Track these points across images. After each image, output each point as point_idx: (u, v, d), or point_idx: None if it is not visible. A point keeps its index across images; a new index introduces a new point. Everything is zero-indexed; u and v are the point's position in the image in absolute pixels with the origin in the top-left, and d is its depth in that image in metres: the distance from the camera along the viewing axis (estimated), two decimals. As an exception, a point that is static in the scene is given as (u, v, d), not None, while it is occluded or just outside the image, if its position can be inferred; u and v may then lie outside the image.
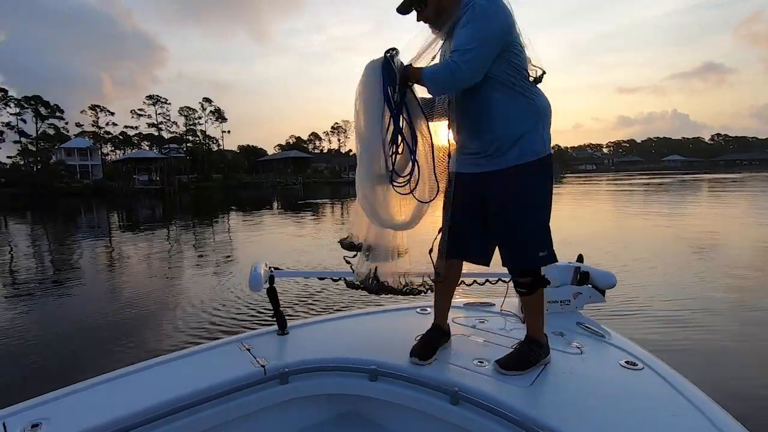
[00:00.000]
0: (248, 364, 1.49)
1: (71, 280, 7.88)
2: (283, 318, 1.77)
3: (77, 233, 16.02)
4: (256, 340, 1.69)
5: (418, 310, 2.04)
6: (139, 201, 36.84)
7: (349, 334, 1.79)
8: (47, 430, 1.13)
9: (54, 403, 1.25)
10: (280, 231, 14.06)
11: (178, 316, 5.14)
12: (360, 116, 1.49)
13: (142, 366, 1.48)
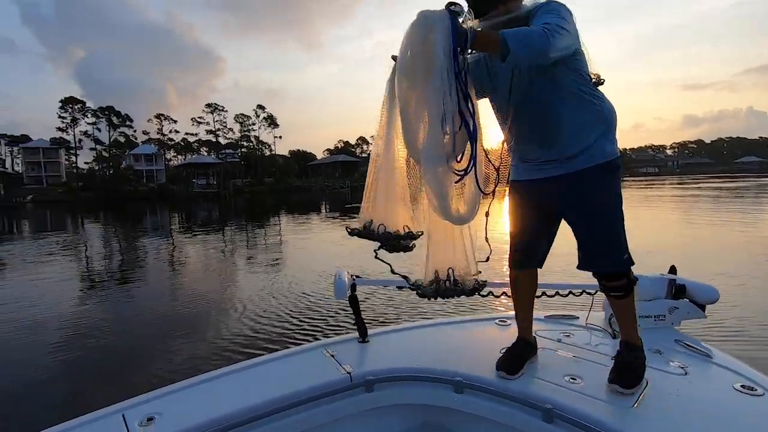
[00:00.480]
0: (334, 371, 1.51)
1: (135, 279, 8.41)
2: (364, 326, 1.77)
3: (143, 234, 17.18)
4: (339, 347, 1.70)
5: (497, 321, 1.96)
6: (197, 204, 39.00)
7: (430, 344, 1.75)
8: (159, 423, 1.21)
9: (165, 399, 1.34)
10: (328, 234, 14.26)
11: (227, 315, 5.31)
12: (409, 83, 1.25)
13: (237, 368, 1.55)
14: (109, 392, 3.58)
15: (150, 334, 4.92)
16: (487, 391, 1.42)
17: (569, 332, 1.82)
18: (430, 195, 1.29)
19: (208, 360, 3.99)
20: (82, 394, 3.63)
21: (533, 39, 1.18)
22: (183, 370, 3.82)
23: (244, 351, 4.13)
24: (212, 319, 5.25)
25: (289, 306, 5.53)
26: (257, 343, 4.34)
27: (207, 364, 3.87)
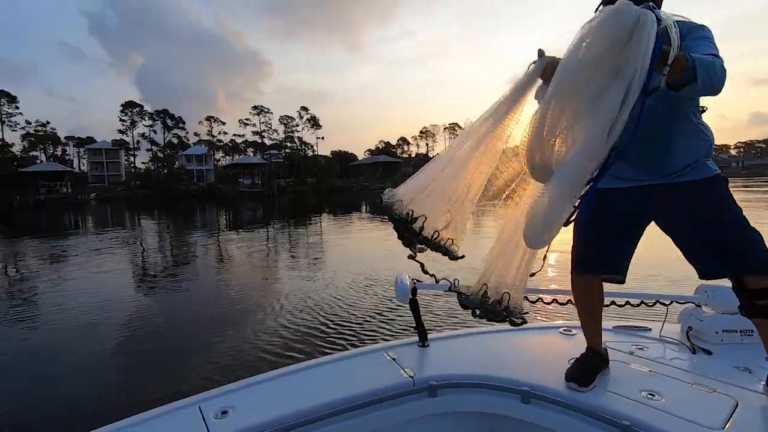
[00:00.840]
0: (397, 374, 1.49)
1: (186, 273, 8.80)
2: (424, 330, 1.75)
3: (194, 230, 18.01)
4: (399, 350, 1.69)
5: (561, 330, 1.87)
6: (243, 203, 40.47)
7: (493, 351, 1.71)
8: (233, 417, 1.24)
9: (237, 393, 1.38)
10: (368, 234, 14.31)
11: (267, 313, 5.42)
12: (577, 88, 1.06)
13: (303, 366, 1.57)
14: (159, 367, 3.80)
15: (202, 324, 5.14)
16: (556, 402, 1.35)
17: (642, 345, 1.70)
18: (537, 217, 1.12)
19: (262, 350, 4.12)
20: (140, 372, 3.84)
21: (717, 73, 1.09)
22: (243, 359, 3.95)
23: (289, 343, 4.21)
24: (260, 314, 5.37)
25: (328, 303, 5.59)
26: (309, 338, 4.39)
27: (259, 353, 4.03)
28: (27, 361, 4.33)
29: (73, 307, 6.00)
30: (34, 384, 3.78)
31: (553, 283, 6.86)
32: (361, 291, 6.21)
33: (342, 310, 5.34)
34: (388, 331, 4.57)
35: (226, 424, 1.21)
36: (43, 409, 3.35)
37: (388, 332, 4.54)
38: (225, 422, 1.22)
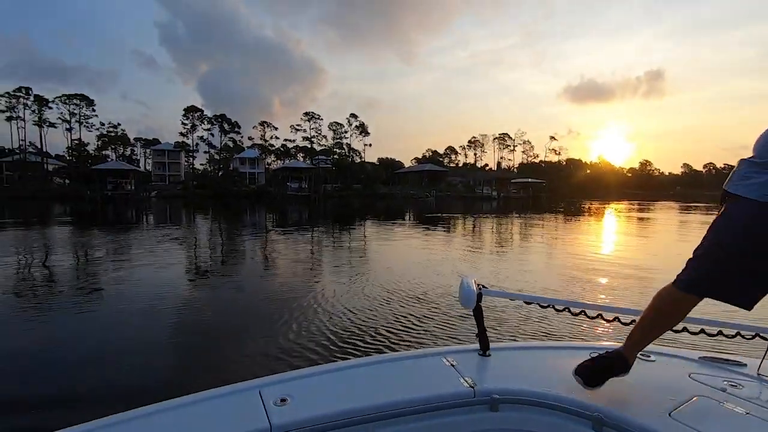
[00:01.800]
0: (456, 382, 1.42)
1: (234, 270, 9.11)
2: (486, 338, 1.67)
3: (244, 230, 18.71)
4: (459, 356, 1.62)
5: (638, 354, 1.69)
6: (290, 205, 41.66)
7: (561, 368, 1.55)
8: (291, 406, 1.25)
9: (297, 382, 1.39)
10: (412, 243, 14.18)
11: (307, 312, 5.49)
12: None
13: (362, 362, 1.56)
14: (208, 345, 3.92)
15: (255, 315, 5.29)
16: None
17: (736, 381, 1.50)
18: None
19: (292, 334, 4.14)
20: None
21: None
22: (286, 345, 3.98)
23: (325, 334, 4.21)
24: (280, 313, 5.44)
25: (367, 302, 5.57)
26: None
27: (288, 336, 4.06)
28: (97, 334, 4.71)
29: (136, 292, 6.46)
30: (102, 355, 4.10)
31: (613, 299, 6.47)
32: (405, 294, 6.14)
33: (389, 310, 5.32)
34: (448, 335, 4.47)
35: (285, 412, 1.21)
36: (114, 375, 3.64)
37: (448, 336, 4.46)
38: (284, 410, 1.22)
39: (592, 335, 4.56)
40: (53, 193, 49.39)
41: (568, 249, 12.30)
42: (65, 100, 60.50)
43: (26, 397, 3.40)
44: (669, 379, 1.48)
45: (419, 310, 5.56)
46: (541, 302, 1.72)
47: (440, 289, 6.63)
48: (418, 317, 5.23)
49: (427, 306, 5.72)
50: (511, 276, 8.20)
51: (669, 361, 1.61)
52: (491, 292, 1.66)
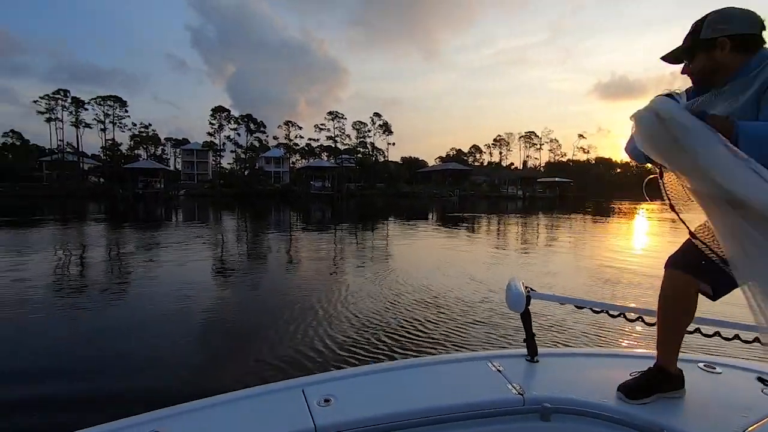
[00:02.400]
0: (504, 388, 1.38)
1: (258, 268, 9.16)
2: (534, 344, 1.62)
3: (269, 227, 18.91)
4: (506, 361, 1.57)
5: (701, 365, 1.59)
6: (313, 204, 42.01)
7: (617, 377, 1.46)
8: (335, 406, 1.24)
9: (340, 382, 1.37)
10: (433, 240, 13.95)
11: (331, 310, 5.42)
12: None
13: (407, 364, 1.54)
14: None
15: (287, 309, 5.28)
16: None
17: None
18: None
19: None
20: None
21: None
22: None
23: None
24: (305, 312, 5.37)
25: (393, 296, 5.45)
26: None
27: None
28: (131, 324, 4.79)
29: (170, 283, 6.59)
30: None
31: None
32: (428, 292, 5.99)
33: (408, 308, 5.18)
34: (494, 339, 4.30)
35: (329, 412, 1.20)
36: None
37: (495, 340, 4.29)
38: (327, 411, 1.21)
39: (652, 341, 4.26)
40: (88, 191, 51.38)
41: (594, 251, 11.84)
42: (100, 102, 62.83)
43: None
44: (739, 394, 1.37)
45: (429, 313, 5.39)
46: (593, 307, 1.62)
47: (451, 293, 6.45)
48: (434, 322, 5.07)
49: (441, 309, 5.55)
50: (535, 279, 7.91)
51: (737, 373, 1.51)
52: (540, 295, 1.59)
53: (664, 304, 1.37)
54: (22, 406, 3.19)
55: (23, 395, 3.35)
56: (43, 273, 8.08)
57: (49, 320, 5.23)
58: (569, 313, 4.74)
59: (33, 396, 3.34)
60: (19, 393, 3.39)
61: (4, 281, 7.24)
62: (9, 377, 3.70)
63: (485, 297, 6.19)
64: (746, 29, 1.18)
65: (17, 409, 3.14)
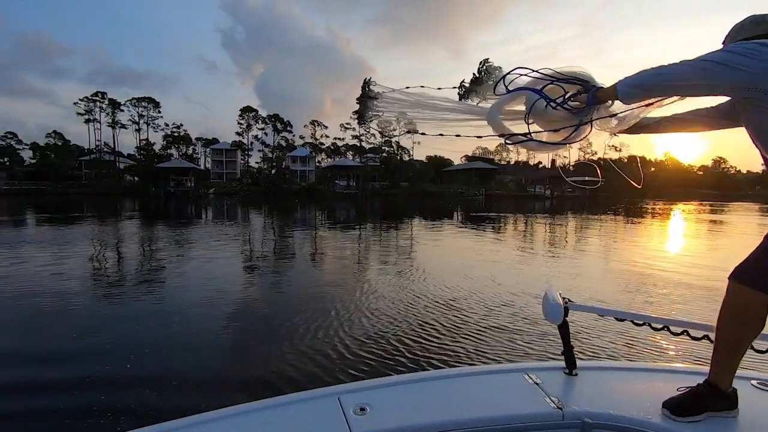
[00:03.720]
0: (542, 402, 1.34)
1: (284, 267, 9.27)
2: (573, 356, 1.56)
3: (295, 225, 19.17)
4: (543, 374, 1.52)
5: (754, 382, 1.49)
6: (337, 202, 42.28)
7: (662, 393, 1.39)
8: (371, 415, 1.23)
9: (376, 391, 1.37)
10: (458, 241, 13.77)
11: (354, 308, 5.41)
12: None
13: (440, 374, 1.54)
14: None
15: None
16: None
17: None
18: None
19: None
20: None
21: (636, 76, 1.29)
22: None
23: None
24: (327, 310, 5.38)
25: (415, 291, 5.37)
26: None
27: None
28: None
29: (203, 278, 6.81)
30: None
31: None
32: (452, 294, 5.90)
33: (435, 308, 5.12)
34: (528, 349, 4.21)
35: (365, 421, 1.21)
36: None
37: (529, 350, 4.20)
38: (364, 419, 1.21)
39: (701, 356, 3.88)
40: (124, 189, 53.48)
41: (625, 254, 11.41)
42: (135, 103, 65.24)
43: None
44: None
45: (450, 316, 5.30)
46: (635, 319, 1.56)
47: (473, 296, 6.32)
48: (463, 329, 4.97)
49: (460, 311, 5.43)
50: (563, 284, 7.69)
51: None
52: (578, 306, 1.54)
53: (726, 321, 1.28)
54: (68, 381, 3.51)
55: (73, 373, 3.67)
56: (87, 266, 8.45)
57: (89, 307, 5.66)
58: (597, 321, 4.56)
59: (80, 373, 3.67)
60: (72, 371, 3.74)
61: (49, 272, 7.66)
62: (71, 354, 4.17)
63: (509, 301, 6.06)
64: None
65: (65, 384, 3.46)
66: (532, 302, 5.84)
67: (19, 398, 3.30)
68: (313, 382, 3.51)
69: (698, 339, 1.46)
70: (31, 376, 3.66)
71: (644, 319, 1.54)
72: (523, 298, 6.18)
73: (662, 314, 1.68)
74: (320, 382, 3.51)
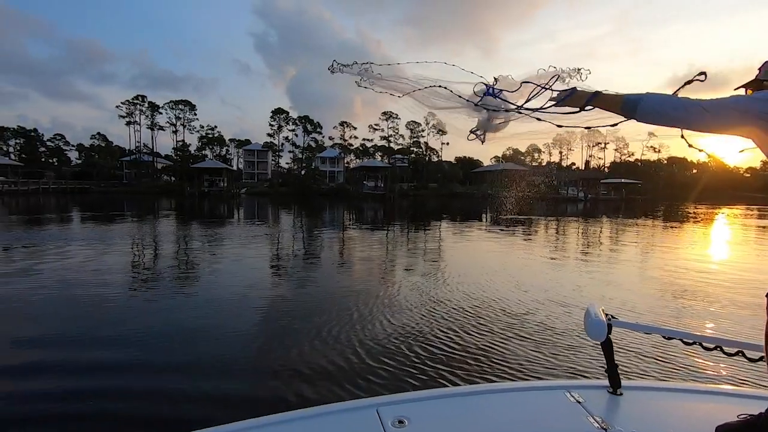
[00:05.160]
0: (585, 421, 1.30)
1: (316, 264, 9.37)
2: (618, 375, 1.51)
3: (324, 225, 19.39)
4: (586, 393, 1.47)
5: None
6: (366, 203, 42.47)
7: (714, 417, 1.32)
8: (410, 429, 1.23)
9: (414, 404, 1.37)
10: (486, 247, 13.55)
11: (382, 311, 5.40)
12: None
13: (479, 389, 1.53)
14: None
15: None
16: None
17: None
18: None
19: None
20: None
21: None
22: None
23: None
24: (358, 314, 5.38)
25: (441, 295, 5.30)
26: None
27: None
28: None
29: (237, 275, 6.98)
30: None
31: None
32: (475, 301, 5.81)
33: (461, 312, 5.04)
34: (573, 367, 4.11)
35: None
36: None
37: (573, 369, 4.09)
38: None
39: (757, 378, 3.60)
40: (161, 188, 55.61)
41: (664, 262, 10.91)
42: (172, 106, 67.72)
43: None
44: None
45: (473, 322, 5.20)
46: (685, 338, 1.48)
47: (497, 303, 6.18)
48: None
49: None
50: (594, 292, 7.43)
51: None
52: (622, 323, 1.47)
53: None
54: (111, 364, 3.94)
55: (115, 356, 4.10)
56: (130, 261, 8.83)
57: (133, 299, 5.97)
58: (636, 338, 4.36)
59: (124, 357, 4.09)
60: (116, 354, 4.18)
61: (92, 267, 8.03)
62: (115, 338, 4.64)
63: (534, 308, 5.90)
64: None
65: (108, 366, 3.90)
66: (557, 311, 5.68)
67: (71, 377, 3.67)
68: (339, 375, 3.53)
69: (755, 360, 1.36)
70: (77, 356, 4.17)
71: (695, 338, 1.45)
72: (550, 306, 6.01)
73: (714, 333, 1.58)
74: (350, 375, 3.53)
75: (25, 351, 4.31)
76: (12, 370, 3.84)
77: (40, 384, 3.57)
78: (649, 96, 1.26)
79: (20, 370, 3.86)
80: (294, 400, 3.28)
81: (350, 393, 3.38)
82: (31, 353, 4.24)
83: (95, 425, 3.02)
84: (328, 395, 3.35)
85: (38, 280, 7.10)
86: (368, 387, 3.49)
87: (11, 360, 4.08)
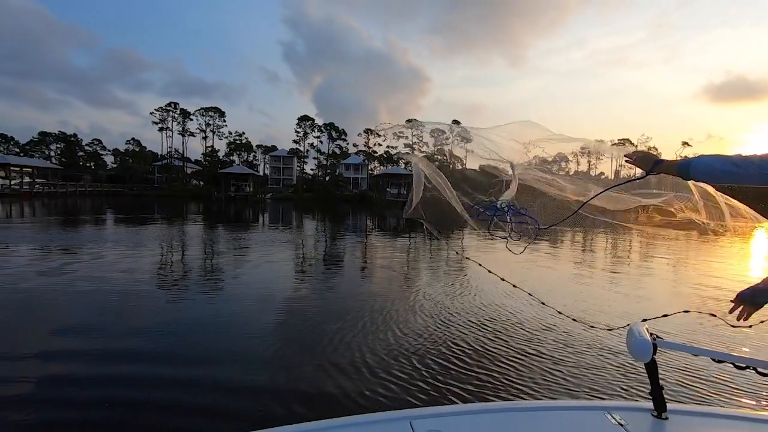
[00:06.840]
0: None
1: (339, 269, 9.43)
2: (662, 397, 1.45)
3: (345, 231, 19.54)
4: (629, 415, 1.42)
5: None
6: (388, 210, 42.55)
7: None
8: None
9: (449, 418, 1.35)
10: (512, 255, 13.32)
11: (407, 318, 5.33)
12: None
13: (513, 406, 1.52)
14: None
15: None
16: None
17: None
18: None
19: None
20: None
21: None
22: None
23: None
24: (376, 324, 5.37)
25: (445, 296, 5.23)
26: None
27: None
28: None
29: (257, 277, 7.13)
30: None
31: None
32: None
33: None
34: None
35: None
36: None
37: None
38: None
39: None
40: (190, 192, 57.29)
41: (696, 276, 10.48)
42: (202, 113, 69.80)
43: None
44: None
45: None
46: (737, 362, 1.38)
47: (514, 315, 6.07)
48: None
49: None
50: (623, 308, 7.20)
51: None
52: (669, 344, 1.41)
53: None
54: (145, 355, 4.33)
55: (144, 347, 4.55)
56: (159, 262, 9.13)
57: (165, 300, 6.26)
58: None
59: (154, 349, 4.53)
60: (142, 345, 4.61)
61: (121, 268, 8.36)
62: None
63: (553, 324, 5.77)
64: None
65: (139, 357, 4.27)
66: (582, 329, 5.52)
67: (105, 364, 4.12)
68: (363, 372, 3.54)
69: None
70: (113, 348, 4.56)
71: (748, 362, 1.36)
72: (569, 323, 5.85)
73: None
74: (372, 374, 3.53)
75: (60, 338, 4.74)
76: (46, 356, 4.25)
77: (73, 369, 3.95)
78: (699, 159, 1.31)
79: (55, 355, 4.30)
80: (335, 393, 3.29)
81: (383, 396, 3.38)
82: (64, 341, 4.67)
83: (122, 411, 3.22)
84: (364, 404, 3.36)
85: (72, 277, 7.45)
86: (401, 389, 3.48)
87: (48, 346, 4.50)
